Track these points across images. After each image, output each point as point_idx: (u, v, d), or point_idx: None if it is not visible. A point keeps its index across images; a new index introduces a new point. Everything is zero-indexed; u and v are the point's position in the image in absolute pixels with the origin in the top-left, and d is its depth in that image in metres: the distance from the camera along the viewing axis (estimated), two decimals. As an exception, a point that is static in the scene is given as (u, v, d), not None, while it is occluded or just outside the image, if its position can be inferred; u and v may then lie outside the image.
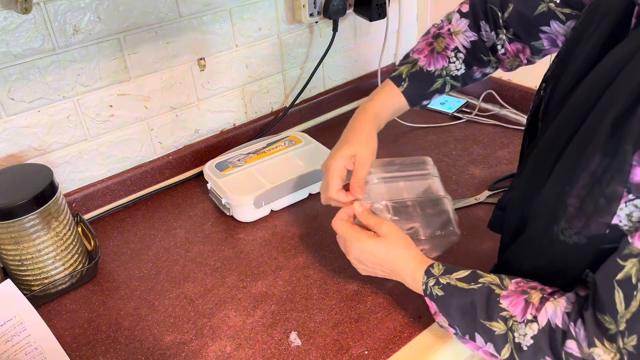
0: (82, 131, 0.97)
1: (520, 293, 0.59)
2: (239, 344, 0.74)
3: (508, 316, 0.58)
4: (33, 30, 0.85)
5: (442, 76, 0.83)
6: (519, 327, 0.57)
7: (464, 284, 0.63)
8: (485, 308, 0.60)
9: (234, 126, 1.17)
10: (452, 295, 0.63)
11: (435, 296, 0.65)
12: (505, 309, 0.58)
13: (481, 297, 0.60)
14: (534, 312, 0.56)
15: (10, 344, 0.72)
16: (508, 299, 0.59)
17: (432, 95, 0.84)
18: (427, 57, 0.83)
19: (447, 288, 0.64)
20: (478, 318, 0.60)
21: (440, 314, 0.66)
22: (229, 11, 1.06)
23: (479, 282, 0.62)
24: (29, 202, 0.76)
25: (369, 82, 1.36)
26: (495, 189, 0.99)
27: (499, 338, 0.59)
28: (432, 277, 0.66)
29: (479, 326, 0.60)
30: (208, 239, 0.94)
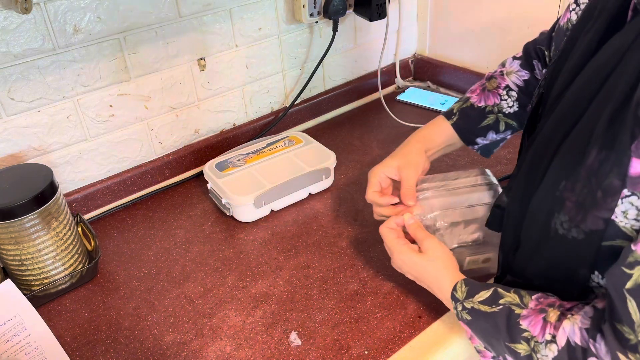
0: (82, 131, 0.97)
1: (538, 312, 0.58)
2: (239, 344, 0.74)
3: (530, 337, 0.57)
4: (33, 30, 0.85)
5: (493, 112, 0.83)
6: (540, 348, 0.56)
7: (486, 307, 0.62)
8: (507, 330, 0.59)
9: (234, 126, 1.17)
10: (478, 320, 0.63)
11: (465, 321, 0.65)
12: (526, 329, 0.58)
13: (502, 320, 0.60)
14: (552, 331, 0.55)
15: (10, 344, 0.72)
16: (527, 319, 0.58)
17: (486, 132, 0.84)
18: (478, 95, 0.84)
19: (472, 312, 0.64)
20: (503, 340, 0.60)
21: (474, 337, 0.66)
22: (229, 11, 1.06)
23: (499, 303, 0.61)
24: (29, 202, 0.76)
25: (369, 82, 1.36)
26: (495, 189, 0.99)
27: (524, 358, 0.58)
28: (458, 302, 0.66)
29: (506, 349, 0.60)
30: (208, 239, 0.94)
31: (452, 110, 0.85)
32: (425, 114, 1.28)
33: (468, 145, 0.85)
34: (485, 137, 0.84)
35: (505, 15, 1.20)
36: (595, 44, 0.57)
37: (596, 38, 0.57)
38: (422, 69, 1.44)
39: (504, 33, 1.22)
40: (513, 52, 1.21)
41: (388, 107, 1.29)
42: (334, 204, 1.00)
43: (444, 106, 1.30)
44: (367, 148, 1.17)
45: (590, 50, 0.58)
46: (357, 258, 0.87)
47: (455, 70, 1.36)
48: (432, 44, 1.41)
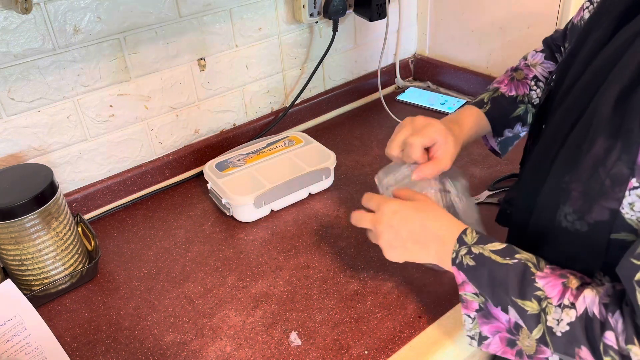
0: (82, 131, 0.97)
1: (558, 276, 0.56)
2: (239, 344, 0.74)
3: (543, 297, 0.55)
4: (33, 30, 0.85)
5: (524, 102, 0.81)
6: (553, 310, 0.54)
7: (498, 257, 0.59)
8: (518, 285, 0.57)
9: (234, 126, 1.17)
10: (483, 267, 0.60)
11: (465, 266, 0.62)
12: (541, 288, 0.55)
13: (515, 274, 0.57)
14: (572, 298, 0.53)
15: (10, 344, 0.72)
16: (545, 279, 0.56)
17: (515, 123, 0.82)
18: (507, 85, 0.83)
19: (479, 258, 0.60)
20: (510, 294, 0.57)
21: (469, 283, 0.62)
22: (229, 11, 1.06)
23: (515, 257, 0.58)
24: (29, 202, 0.76)
25: (369, 82, 1.36)
26: (495, 189, 0.99)
27: (530, 317, 0.56)
28: (465, 245, 0.62)
29: (511, 302, 0.58)
30: (208, 239, 0.94)
31: (483, 100, 0.82)
32: (425, 114, 1.28)
33: (494, 136, 0.82)
34: (513, 129, 0.82)
35: (505, 15, 1.20)
36: (607, 39, 0.57)
37: (607, 33, 0.57)
38: (422, 69, 1.44)
39: (504, 33, 1.22)
40: (513, 52, 1.22)
41: (388, 107, 1.29)
42: (334, 204, 1.00)
43: (444, 106, 1.30)
44: (367, 148, 1.17)
45: (601, 44, 0.57)
46: (357, 258, 0.87)
47: (455, 70, 1.36)
48: (432, 44, 1.41)
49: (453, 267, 0.63)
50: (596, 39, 0.58)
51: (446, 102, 1.31)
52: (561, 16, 1.09)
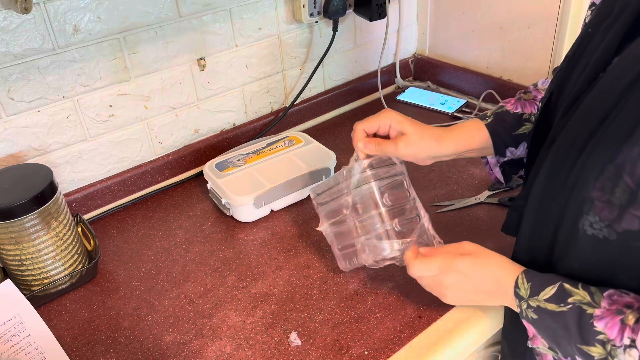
0: (82, 131, 0.97)
1: (615, 313, 0.54)
2: (239, 344, 0.74)
3: (605, 340, 0.54)
4: (33, 30, 0.85)
5: (530, 121, 0.78)
6: (618, 353, 0.53)
7: (554, 305, 0.58)
8: (578, 332, 0.56)
9: (234, 126, 1.17)
10: (545, 319, 0.59)
11: (530, 319, 0.61)
12: (602, 332, 0.54)
13: (573, 320, 0.56)
14: (631, 334, 0.52)
15: (10, 344, 0.72)
16: (603, 321, 0.54)
17: (518, 142, 0.78)
18: (514, 104, 0.80)
19: (539, 311, 0.60)
20: (573, 342, 0.57)
21: (539, 337, 0.62)
22: (229, 11, 1.06)
23: (568, 302, 0.57)
24: (29, 202, 0.76)
25: (369, 82, 1.36)
26: (495, 189, 0.99)
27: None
28: (523, 300, 0.62)
29: (577, 350, 0.57)
30: (208, 239, 0.94)
31: (486, 114, 0.81)
32: (425, 114, 1.28)
33: (496, 155, 0.80)
34: (516, 149, 0.79)
35: (505, 15, 1.20)
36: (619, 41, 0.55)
37: (619, 34, 0.55)
38: (422, 69, 1.44)
39: (504, 33, 1.22)
40: (513, 52, 1.22)
41: (388, 107, 1.28)
42: (334, 204, 1.00)
43: (444, 106, 1.30)
44: (367, 148, 1.17)
45: (613, 47, 0.56)
46: (357, 258, 0.86)
47: (455, 70, 1.36)
48: (432, 44, 1.41)
49: (523, 321, 0.63)
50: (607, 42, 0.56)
51: (446, 102, 1.31)
52: (561, 16, 1.09)
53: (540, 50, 1.16)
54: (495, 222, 0.92)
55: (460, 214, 0.95)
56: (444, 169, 1.07)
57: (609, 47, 0.56)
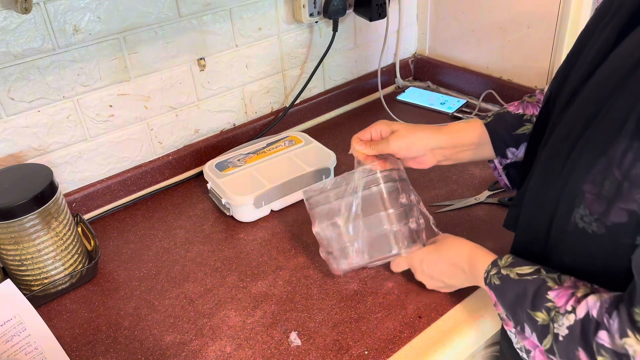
0: (82, 131, 0.97)
1: (570, 287, 0.58)
2: (239, 344, 0.74)
3: (552, 307, 0.57)
4: (33, 30, 0.85)
5: (531, 122, 0.78)
6: (559, 318, 0.56)
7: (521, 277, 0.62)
8: (532, 298, 0.59)
9: (234, 126, 1.17)
10: (507, 285, 0.63)
11: (493, 285, 0.65)
12: (551, 300, 0.58)
13: (532, 288, 0.60)
14: (575, 303, 0.55)
15: (10, 344, 0.72)
16: (555, 292, 0.58)
17: (518, 142, 0.78)
18: (516, 106, 0.81)
19: (504, 278, 0.64)
20: (525, 308, 0.60)
21: (499, 304, 0.65)
22: (229, 11, 1.06)
23: (535, 274, 0.61)
24: (29, 202, 0.76)
25: (369, 82, 1.36)
26: (495, 189, 0.99)
27: (541, 328, 0.58)
28: (496, 267, 0.66)
29: (526, 316, 0.60)
30: (208, 239, 0.94)
31: (487, 115, 0.82)
32: (425, 114, 1.28)
33: (497, 156, 0.80)
34: (517, 149, 0.79)
35: (505, 15, 1.20)
36: (615, 37, 0.56)
37: (615, 31, 0.56)
38: (422, 69, 1.44)
39: (504, 33, 1.22)
40: (513, 52, 1.22)
41: (388, 107, 1.29)
42: (334, 204, 1.00)
43: (444, 106, 1.30)
44: (367, 148, 1.17)
45: (609, 43, 0.56)
46: (357, 258, 0.86)
47: (455, 70, 1.36)
48: (432, 44, 1.41)
49: (486, 287, 0.67)
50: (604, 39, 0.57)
51: (446, 102, 1.31)
52: (561, 16, 1.09)
53: (540, 50, 1.16)
54: (495, 222, 0.92)
55: (460, 214, 0.95)
56: (444, 169, 1.07)
57: (605, 43, 0.57)
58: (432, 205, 0.97)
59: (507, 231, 0.90)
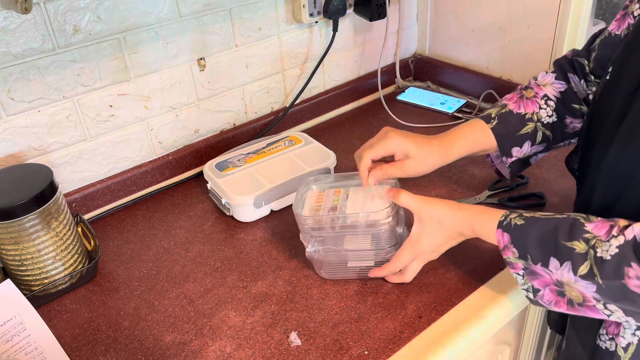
0: (82, 131, 0.97)
1: (606, 220, 0.59)
2: (239, 344, 0.74)
3: (591, 237, 0.58)
4: (33, 30, 0.85)
5: (532, 120, 0.81)
6: (602, 244, 0.57)
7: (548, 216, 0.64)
8: (568, 230, 0.60)
9: (234, 126, 1.17)
10: (534, 224, 0.64)
11: (513, 225, 0.65)
12: (590, 231, 0.59)
13: (565, 223, 0.61)
14: (619, 231, 0.56)
15: (10, 344, 0.72)
16: (593, 224, 0.59)
17: (523, 141, 0.81)
18: (516, 103, 0.82)
19: (529, 219, 0.64)
20: (559, 240, 0.60)
21: (511, 246, 0.65)
22: (229, 11, 1.06)
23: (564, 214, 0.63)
24: (29, 202, 0.76)
25: (369, 82, 1.36)
26: (495, 189, 0.99)
27: (578, 256, 0.59)
28: (514, 212, 0.67)
29: (559, 247, 0.60)
30: (208, 239, 0.94)
31: (490, 115, 0.83)
32: (425, 114, 1.28)
33: (502, 156, 0.83)
34: (521, 148, 0.82)
35: (505, 15, 1.20)
36: None
37: None
38: (422, 69, 1.44)
39: (504, 33, 1.22)
40: (513, 52, 1.22)
41: (388, 107, 1.29)
42: (334, 204, 1.00)
43: (444, 106, 1.30)
44: (367, 148, 1.17)
45: None
46: (357, 258, 0.86)
47: (455, 70, 1.36)
48: (432, 44, 1.41)
49: (498, 230, 0.67)
50: None
51: (446, 102, 1.31)
52: (561, 16, 1.09)
53: (540, 50, 1.16)
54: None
55: (460, 214, 0.94)
56: (444, 169, 1.06)
57: None
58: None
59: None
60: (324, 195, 0.84)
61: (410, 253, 0.76)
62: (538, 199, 0.95)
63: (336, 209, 0.80)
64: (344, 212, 0.79)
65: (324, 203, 0.82)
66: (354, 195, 0.83)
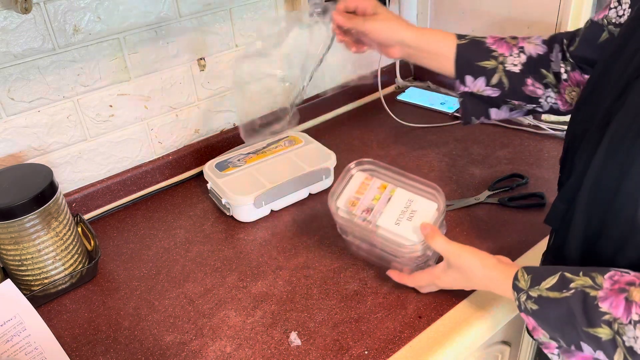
0: (82, 131, 0.97)
1: (618, 292, 0.54)
2: (239, 344, 0.74)
3: (612, 319, 0.54)
4: (33, 30, 0.85)
5: (497, 60, 0.80)
6: (626, 330, 0.53)
7: (556, 293, 0.59)
8: (584, 315, 0.56)
9: (234, 126, 1.17)
10: (547, 308, 0.60)
11: (530, 311, 0.61)
12: (607, 312, 0.54)
13: (577, 304, 0.57)
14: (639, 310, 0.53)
15: (10, 344, 0.72)
16: (607, 301, 0.55)
17: (478, 74, 0.81)
18: (493, 39, 0.82)
19: (539, 301, 0.60)
20: (579, 327, 0.56)
21: (539, 328, 0.62)
22: (229, 11, 1.06)
23: (570, 287, 0.58)
24: (29, 202, 0.76)
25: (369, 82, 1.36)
26: (495, 189, 0.99)
27: (607, 344, 0.55)
28: (522, 292, 0.62)
29: (583, 335, 0.57)
30: (208, 239, 0.94)
31: (466, 36, 0.83)
32: (425, 114, 1.28)
33: (456, 78, 0.84)
34: (475, 80, 0.82)
35: (505, 15, 1.20)
36: None
37: None
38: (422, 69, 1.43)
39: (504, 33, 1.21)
40: (513, 52, 1.21)
41: (388, 107, 1.29)
42: (334, 204, 1.00)
43: (444, 106, 1.30)
44: (367, 148, 1.17)
45: None
46: (357, 258, 0.86)
47: (455, 70, 1.35)
48: (432, 44, 1.41)
49: (522, 314, 0.63)
50: None
51: (446, 102, 1.31)
52: (561, 16, 1.09)
53: (540, 50, 1.16)
54: (495, 222, 0.92)
55: (460, 214, 0.95)
56: (444, 169, 1.07)
57: None
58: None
59: (506, 231, 0.90)
60: (368, 186, 0.82)
61: (429, 280, 0.76)
62: (538, 198, 0.95)
63: (371, 212, 0.79)
64: (376, 220, 0.78)
65: (363, 196, 0.81)
66: (396, 200, 0.80)
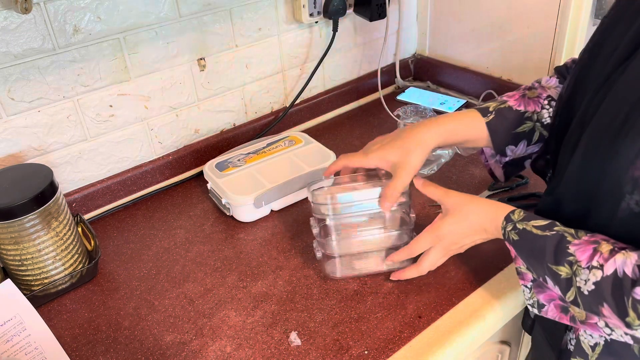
0: (82, 131, 0.97)
1: (590, 242, 0.58)
2: (239, 344, 0.74)
3: (574, 261, 0.58)
4: (33, 30, 0.85)
5: (532, 120, 0.78)
6: (581, 272, 0.57)
7: (539, 230, 0.63)
8: (553, 253, 0.60)
9: (234, 126, 1.17)
10: (525, 240, 0.64)
11: (512, 240, 0.66)
12: (572, 254, 0.59)
13: (552, 243, 0.61)
14: (601, 260, 0.56)
15: (10, 344, 0.72)
16: (576, 246, 0.59)
17: (519, 140, 0.78)
18: (517, 100, 0.80)
19: (522, 233, 0.65)
20: (546, 262, 0.61)
21: (519, 258, 0.67)
22: (229, 11, 1.06)
23: (553, 229, 0.62)
24: (29, 202, 0.76)
25: (369, 82, 1.36)
26: (495, 189, 0.99)
27: (564, 281, 0.59)
28: (511, 222, 0.67)
29: (547, 270, 0.61)
30: (208, 239, 0.94)
31: (488, 108, 0.79)
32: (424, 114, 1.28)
33: (497, 154, 0.81)
34: (516, 147, 0.80)
35: (505, 15, 1.20)
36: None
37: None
38: (422, 69, 1.44)
39: (504, 33, 1.22)
40: (513, 52, 1.22)
41: (388, 107, 1.29)
42: (334, 204, 1.00)
43: (443, 106, 1.30)
44: (367, 148, 1.17)
45: None
46: (357, 258, 0.87)
47: (455, 70, 1.36)
48: (432, 44, 1.41)
49: (506, 242, 0.68)
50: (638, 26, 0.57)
51: (446, 102, 1.31)
52: (561, 16, 1.09)
53: (540, 50, 1.16)
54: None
55: (460, 214, 0.94)
56: (444, 169, 1.07)
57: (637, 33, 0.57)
58: (432, 205, 0.97)
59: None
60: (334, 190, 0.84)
61: (431, 239, 0.75)
62: (538, 199, 0.95)
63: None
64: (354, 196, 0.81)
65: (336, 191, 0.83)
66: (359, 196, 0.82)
